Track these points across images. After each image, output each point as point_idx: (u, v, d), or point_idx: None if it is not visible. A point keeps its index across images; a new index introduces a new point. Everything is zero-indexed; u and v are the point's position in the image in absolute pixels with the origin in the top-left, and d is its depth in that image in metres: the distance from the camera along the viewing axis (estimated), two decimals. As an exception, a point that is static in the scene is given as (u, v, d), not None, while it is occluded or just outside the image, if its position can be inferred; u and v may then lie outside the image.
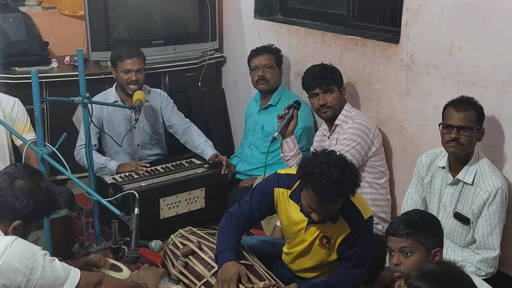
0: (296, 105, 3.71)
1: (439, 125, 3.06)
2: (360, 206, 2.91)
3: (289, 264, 3.17)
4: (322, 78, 3.72)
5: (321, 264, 3.03)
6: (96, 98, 4.23)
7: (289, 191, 2.98)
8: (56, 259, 2.36)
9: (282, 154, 3.75)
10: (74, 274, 2.36)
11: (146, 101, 4.23)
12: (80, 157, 4.13)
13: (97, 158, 4.15)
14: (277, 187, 3.01)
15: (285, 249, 3.17)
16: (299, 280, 3.10)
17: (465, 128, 2.96)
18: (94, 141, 4.20)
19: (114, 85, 4.29)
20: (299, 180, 2.79)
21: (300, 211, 2.89)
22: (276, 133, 3.66)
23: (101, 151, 4.31)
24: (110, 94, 4.27)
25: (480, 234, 3.00)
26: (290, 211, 2.99)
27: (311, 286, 2.97)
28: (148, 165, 4.11)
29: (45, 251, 2.34)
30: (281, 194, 3.00)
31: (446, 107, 3.07)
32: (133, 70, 4.13)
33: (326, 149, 2.86)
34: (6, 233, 2.35)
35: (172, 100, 4.46)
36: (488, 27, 3.19)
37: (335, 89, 3.72)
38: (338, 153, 2.81)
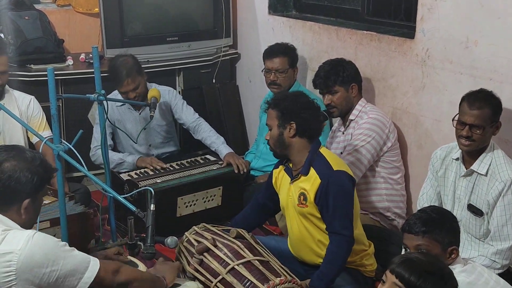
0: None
1: (453, 119, 3.04)
2: (330, 159, 3.06)
3: (295, 252, 3.25)
4: (326, 80, 3.73)
5: (313, 238, 3.10)
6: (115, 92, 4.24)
7: (284, 167, 3.23)
8: (75, 249, 2.38)
9: None
10: (94, 262, 2.38)
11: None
12: (96, 158, 4.13)
13: (115, 154, 4.16)
14: (275, 169, 3.31)
15: (288, 237, 3.30)
16: (312, 275, 3.10)
17: (478, 126, 2.92)
18: (108, 141, 4.17)
19: None
20: None
21: None
22: None
23: (116, 151, 4.30)
24: (117, 96, 4.21)
25: (494, 224, 2.97)
26: (283, 180, 3.22)
27: (311, 282, 3.00)
28: (165, 164, 4.11)
29: (64, 242, 2.36)
30: (279, 172, 3.27)
31: (462, 100, 3.03)
32: (129, 90, 4.06)
33: None
34: (20, 217, 2.36)
35: (181, 96, 4.44)
36: (504, 22, 3.16)
37: (340, 89, 3.72)
38: None
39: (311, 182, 3.03)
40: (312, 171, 3.04)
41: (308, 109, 3.07)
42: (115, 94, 4.25)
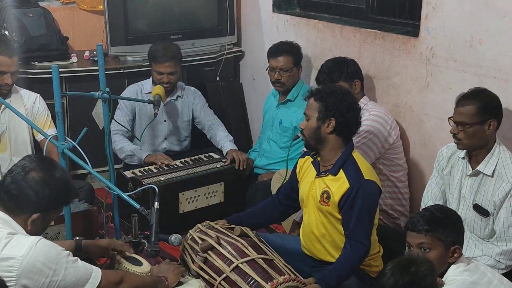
0: None
1: (448, 118, 3.04)
2: (362, 166, 3.02)
3: (306, 245, 3.22)
4: (330, 74, 3.75)
5: (329, 236, 3.08)
6: (132, 86, 4.35)
7: (311, 159, 3.17)
8: (79, 260, 2.37)
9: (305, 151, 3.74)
10: (96, 274, 2.38)
11: (179, 96, 4.33)
12: (112, 141, 4.16)
13: (128, 145, 4.22)
14: (301, 158, 3.27)
15: (301, 229, 3.28)
16: (317, 273, 3.10)
17: (461, 123, 2.92)
18: (128, 127, 4.27)
19: (151, 76, 4.33)
20: None
21: None
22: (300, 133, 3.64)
23: (130, 138, 4.35)
24: (146, 84, 4.34)
25: (500, 225, 2.96)
26: (308, 171, 3.17)
27: (322, 277, 2.97)
28: (172, 161, 4.12)
29: (68, 251, 2.35)
30: (305, 161, 3.23)
31: None
32: (166, 73, 4.18)
33: None
34: (25, 226, 2.36)
35: (205, 99, 4.52)
36: (509, 21, 3.16)
37: (344, 84, 3.71)
38: None
39: (338, 184, 3.00)
40: (342, 173, 3.00)
41: (352, 110, 3.04)
42: (139, 85, 4.32)
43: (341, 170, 3.00)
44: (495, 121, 2.95)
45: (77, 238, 2.86)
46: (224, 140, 4.33)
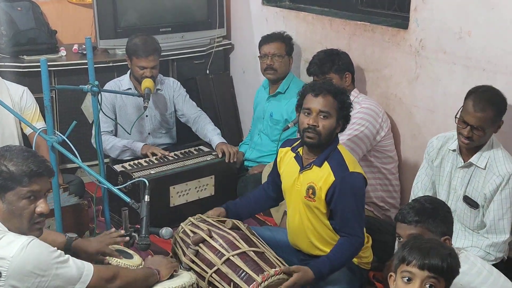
0: None
1: (455, 116, 3.02)
2: (348, 160, 3.00)
3: (292, 240, 3.23)
4: (321, 66, 3.75)
5: (315, 230, 3.08)
6: (109, 84, 4.27)
7: (294, 154, 3.16)
8: (70, 258, 2.35)
9: None
10: (87, 272, 2.37)
11: (159, 89, 4.27)
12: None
13: (119, 141, 4.19)
14: (281, 148, 3.27)
15: (287, 222, 3.27)
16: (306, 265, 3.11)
17: (479, 128, 2.91)
18: (110, 127, 4.24)
19: (128, 72, 4.29)
20: None
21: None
22: (291, 124, 3.67)
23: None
24: (124, 81, 4.29)
25: (491, 218, 2.98)
26: (290, 165, 3.15)
27: (314, 264, 2.96)
28: (167, 152, 4.12)
29: (59, 251, 2.33)
30: (284, 153, 3.22)
31: (468, 95, 2.98)
32: (149, 67, 4.12)
33: None
34: None
35: (185, 90, 4.47)
36: (498, 12, 3.16)
37: (335, 76, 3.72)
38: None
39: (323, 177, 2.98)
40: (326, 166, 2.99)
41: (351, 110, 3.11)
42: (116, 82, 4.28)
43: (326, 162, 3.00)
44: (502, 121, 2.98)
45: (70, 236, 2.85)
46: (212, 133, 4.32)
